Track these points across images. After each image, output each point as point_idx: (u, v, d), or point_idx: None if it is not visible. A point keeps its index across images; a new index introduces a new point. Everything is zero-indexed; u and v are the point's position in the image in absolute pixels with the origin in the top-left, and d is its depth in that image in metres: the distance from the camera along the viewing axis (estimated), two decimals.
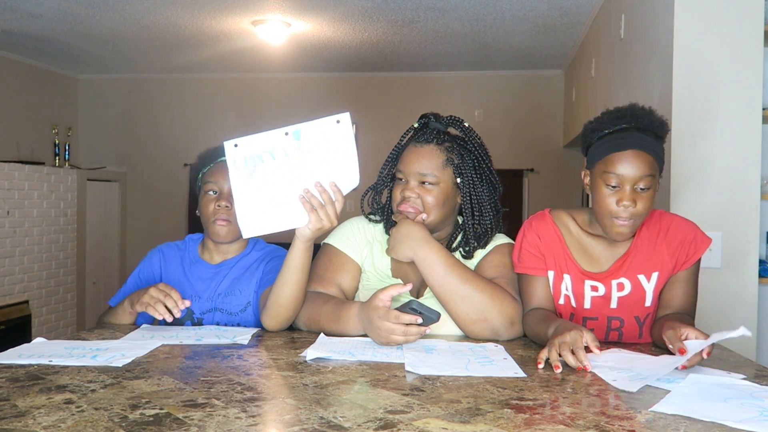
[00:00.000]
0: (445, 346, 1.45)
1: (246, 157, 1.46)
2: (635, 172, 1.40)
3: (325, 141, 1.46)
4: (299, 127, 1.45)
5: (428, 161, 1.60)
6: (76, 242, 5.59)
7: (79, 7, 4.46)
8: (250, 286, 1.76)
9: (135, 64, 6.37)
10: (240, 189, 1.48)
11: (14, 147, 5.91)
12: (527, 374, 1.23)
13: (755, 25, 2.31)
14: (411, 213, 1.61)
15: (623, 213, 1.42)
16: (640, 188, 1.41)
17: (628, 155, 1.41)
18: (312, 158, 1.46)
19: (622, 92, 3.45)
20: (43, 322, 5.17)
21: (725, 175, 2.33)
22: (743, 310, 2.34)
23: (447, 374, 1.21)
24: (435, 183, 1.60)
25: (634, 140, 1.41)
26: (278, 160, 1.46)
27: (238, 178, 1.48)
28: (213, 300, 1.75)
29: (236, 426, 0.93)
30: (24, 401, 1.04)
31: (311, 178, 1.46)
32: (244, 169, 1.47)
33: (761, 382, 1.18)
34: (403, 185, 1.63)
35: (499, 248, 1.68)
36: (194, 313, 1.74)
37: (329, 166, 1.46)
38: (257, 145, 1.46)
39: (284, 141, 1.46)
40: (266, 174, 1.47)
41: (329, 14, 4.61)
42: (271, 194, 1.48)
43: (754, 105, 2.32)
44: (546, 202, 5.94)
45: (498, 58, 5.88)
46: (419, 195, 1.60)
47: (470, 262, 1.67)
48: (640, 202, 1.41)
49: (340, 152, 1.46)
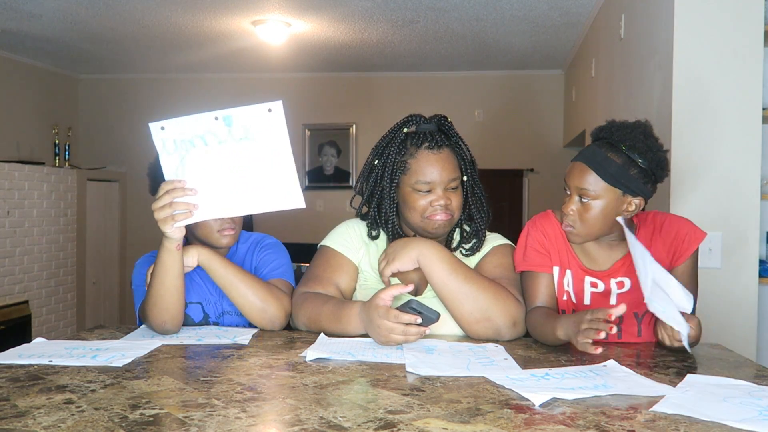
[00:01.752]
0: (445, 346, 1.45)
1: (176, 140, 1.42)
2: (575, 182, 1.49)
3: (257, 131, 1.42)
4: (229, 112, 1.41)
5: (450, 166, 1.60)
6: (76, 242, 5.59)
7: (79, 7, 4.46)
8: None
9: (135, 64, 6.37)
10: (171, 173, 1.44)
11: (14, 147, 5.91)
12: None
13: (755, 26, 2.31)
14: (442, 221, 1.59)
15: (564, 218, 1.52)
16: (582, 199, 1.48)
17: (575, 166, 1.50)
18: (245, 149, 1.42)
19: (622, 92, 3.45)
20: (43, 322, 5.17)
21: (725, 175, 2.33)
22: (743, 310, 2.34)
23: (447, 374, 1.22)
24: (456, 186, 1.62)
25: (581, 155, 1.51)
26: (210, 146, 1.42)
27: (168, 162, 1.44)
28: (221, 303, 1.72)
29: (236, 426, 0.93)
30: (24, 401, 1.04)
31: (246, 172, 1.43)
32: (174, 153, 1.43)
33: (761, 382, 1.18)
34: (431, 196, 1.59)
35: (498, 249, 1.68)
36: (210, 317, 1.72)
37: (265, 165, 1.43)
38: (186, 128, 1.42)
39: (215, 126, 1.42)
40: (199, 160, 1.43)
41: (329, 14, 4.61)
42: (205, 181, 1.44)
43: (754, 105, 2.32)
44: (546, 202, 5.94)
45: (498, 58, 5.88)
46: (450, 201, 1.60)
47: (470, 260, 1.67)
48: (583, 211, 1.49)
49: (275, 149, 1.43)
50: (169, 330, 1.57)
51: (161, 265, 1.52)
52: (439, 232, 1.62)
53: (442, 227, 1.60)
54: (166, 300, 1.53)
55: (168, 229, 1.45)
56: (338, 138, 6.62)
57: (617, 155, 1.45)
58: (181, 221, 1.45)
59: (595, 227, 1.49)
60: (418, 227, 1.63)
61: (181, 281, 1.54)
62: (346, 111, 6.61)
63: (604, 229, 1.50)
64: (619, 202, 1.46)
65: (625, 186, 1.45)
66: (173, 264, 1.52)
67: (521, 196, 6.36)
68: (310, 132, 6.65)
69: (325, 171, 6.64)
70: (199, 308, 1.72)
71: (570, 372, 1.23)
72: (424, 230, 1.62)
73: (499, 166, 6.33)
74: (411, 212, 1.61)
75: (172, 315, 1.55)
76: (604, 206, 1.46)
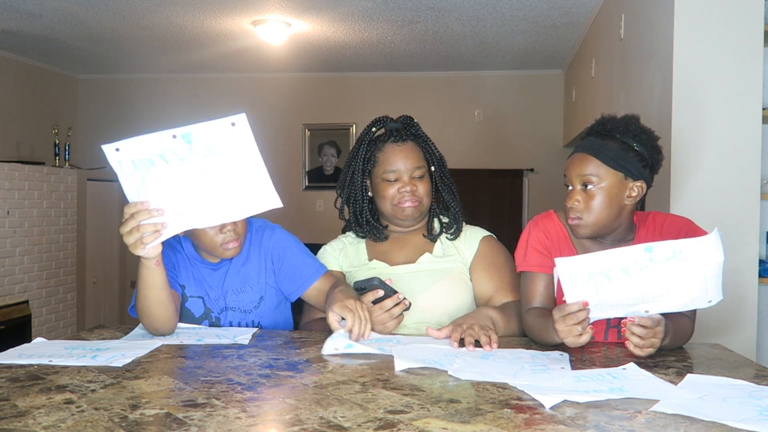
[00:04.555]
0: (505, 353, 1.41)
1: (133, 160, 1.39)
2: (576, 171, 1.50)
3: (220, 145, 1.38)
4: (188, 129, 1.37)
5: (414, 155, 1.78)
6: (76, 242, 5.59)
7: (79, 7, 4.46)
8: (260, 280, 1.71)
9: (135, 64, 6.37)
10: (134, 194, 1.41)
11: (14, 147, 5.91)
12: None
13: (755, 25, 2.31)
14: (411, 207, 1.75)
15: (570, 211, 1.52)
16: (587, 186, 1.49)
17: (575, 157, 1.53)
18: (211, 163, 1.39)
19: (622, 92, 3.45)
20: (43, 322, 5.17)
21: (725, 175, 2.33)
22: (743, 310, 2.34)
23: (489, 380, 1.17)
24: (423, 175, 1.78)
25: (578, 147, 1.53)
26: (172, 164, 1.39)
27: (129, 183, 1.40)
28: (224, 299, 1.71)
29: (236, 426, 0.93)
30: (24, 401, 1.04)
31: (216, 184, 1.41)
32: (134, 173, 1.39)
33: (761, 382, 1.18)
34: (397, 184, 1.76)
35: (485, 242, 1.81)
36: (212, 311, 1.71)
37: (234, 174, 1.40)
38: (143, 147, 1.38)
39: (173, 144, 1.38)
40: (161, 177, 1.39)
41: (329, 14, 4.61)
42: (171, 197, 1.41)
43: (754, 105, 2.32)
44: (546, 202, 5.94)
45: (498, 58, 5.88)
46: (416, 188, 1.76)
47: (457, 248, 1.79)
48: (588, 199, 1.49)
49: (244, 160, 1.40)
50: (165, 332, 1.56)
51: (143, 282, 1.50)
52: (408, 221, 1.79)
53: (411, 214, 1.77)
54: (153, 311, 1.52)
55: (140, 253, 1.43)
56: (338, 138, 6.62)
57: (613, 141, 1.49)
58: (151, 243, 1.42)
59: (602, 215, 1.49)
60: (390, 215, 1.79)
61: (165, 293, 1.52)
62: (346, 111, 6.60)
63: (611, 217, 1.50)
64: (622, 186, 1.48)
65: (626, 168, 1.47)
66: (154, 279, 1.49)
67: (521, 196, 6.35)
68: (310, 132, 6.65)
69: (325, 171, 6.64)
70: (200, 303, 1.71)
71: (587, 375, 1.22)
72: (395, 217, 1.79)
73: (499, 166, 6.33)
74: (382, 201, 1.79)
75: (163, 323, 1.54)
76: (608, 190, 1.48)
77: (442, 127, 6.29)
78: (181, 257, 1.73)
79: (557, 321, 1.35)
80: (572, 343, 1.35)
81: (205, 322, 1.71)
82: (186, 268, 1.73)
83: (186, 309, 1.70)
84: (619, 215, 1.51)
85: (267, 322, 1.73)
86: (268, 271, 1.72)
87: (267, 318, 1.73)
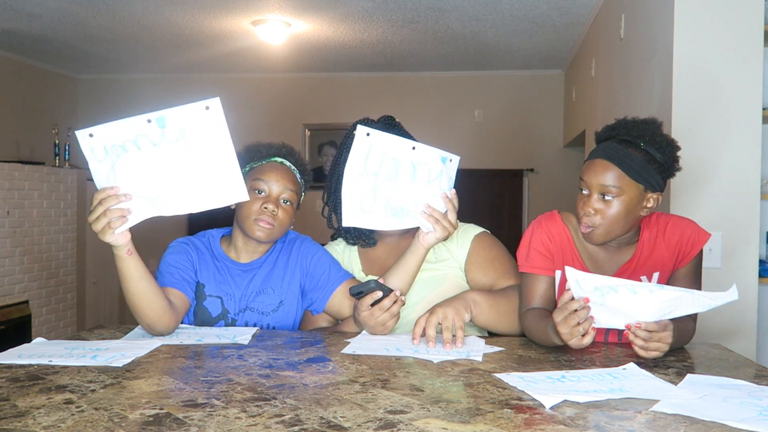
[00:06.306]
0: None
1: (105, 146, 1.37)
2: (597, 179, 1.45)
3: (193, 130, 1.37)
4: (164, 113, 1.37)
5: None
6: (76, 242, 5.59)
7: (79, 7, 4.46)
8: (283, 285, 1.71)
9: (135, 64, 6.37)
10: (103, 181, 1.41)
11: (14, 147, 5.91)
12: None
13: (755, 26, 2.31)
14: None
15: (584, 218, 1.48)
16: (605, 196, 1.45)
17: (596, 163, 1.47)
18: (181, 149, 1.38)
19: (622, 92, 3.45)
20: (43, 322, 5.17)
21: (725, 175, 2.33)
22: (743, 310, 2.33)
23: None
24: None
25: (600, 152, 1.47)
26: (144, 150, 1.37)
27: (99, 170, 1.39)
28: (246, 299, 1.70)
29: (236, 426, 0.93)
30: (24, 401, 1.04)
31: (185, 171, 1.40)
32: (105, 160, 1.38)
33: (761, 382, 1.18)
34: None
35: (477, 240, 1.76)
36: (229, 312, 1.70)
37: (204, 162, 1.40)
38: (116, 133, 1.37)
39: (147, 129, 1.36)
40: (131, 164, 1.38)
41: (329, 14, 4.61)
42: (141, 184, 1.40)
43: (754, 105, 2.32)
44: (546, 202, 5.94)
45: (498, 58, 5.88)
46: None
47: (450, 249, 1.76)
48: (605, 209, 1.45)
49: (216, 146, 1.39)
50: (161, 331, 1.54)
51: (120, 275, 1.49)
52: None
53: None
54: (138, 306, 1.50)
55: (109, 239, 1.42)
56: (338, 138, 6.57)
57: (637, 151, 1.44)
58: (118, 228, 1.41)
59: (617, 225, 1.47)
60: None
61: (145, 283, 1.50)
62: (346, 111, 6.60)
63: (625, 228, 1.48)
64: (641, 198, 1.46)
65: (647, 181, 1.44)
66: (129, 270, 1.48)
67: (521, 196, 6.35)
68: (310, 132, 6.65)
69: (325, 171, 6.64)
70: (218, 302, 1.70)
71: (587, 375, 1.22)
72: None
73: (499, 166, 6.33)
74: None
75: (153, 319, 1.52)
76: (628, 202, 1.45)
77: (442, 127, 6.29)
78: (204, 257, 1.73)
79: (559, 324, 1.33)
80: (576, 345, 1.33)
81: (221, 323, 1.70)
82: (208, 267, 1.72)
83: (203, 308, 1.69)
84: (633, 225, 1.50)
85: (281, 328, 1.72)
86: (294, 278, 1.72)
87: (282, 324, 1.71)
